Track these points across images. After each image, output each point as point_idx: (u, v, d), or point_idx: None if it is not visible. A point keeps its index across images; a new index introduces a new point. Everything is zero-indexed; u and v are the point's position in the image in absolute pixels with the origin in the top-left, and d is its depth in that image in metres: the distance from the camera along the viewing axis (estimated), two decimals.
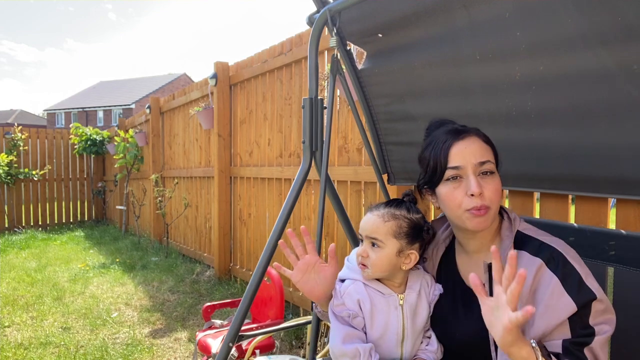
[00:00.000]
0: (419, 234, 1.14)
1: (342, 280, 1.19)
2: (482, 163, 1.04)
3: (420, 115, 1.58)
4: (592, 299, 0.93)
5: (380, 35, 1.47)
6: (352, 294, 1.14)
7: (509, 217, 1.11)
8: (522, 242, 1.05)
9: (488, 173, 1.05)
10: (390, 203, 1.16)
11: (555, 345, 0.93)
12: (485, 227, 1.05)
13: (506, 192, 1.86)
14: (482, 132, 1.11)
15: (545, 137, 1.31)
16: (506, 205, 1.82)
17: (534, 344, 0.88)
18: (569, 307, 0.92)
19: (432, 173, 1.10)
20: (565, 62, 1.15)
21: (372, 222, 1.13)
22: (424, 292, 1.17)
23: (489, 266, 1.01)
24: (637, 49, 1.03)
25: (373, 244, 1.12)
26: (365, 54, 1.63)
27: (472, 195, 1.02)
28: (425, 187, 1.15)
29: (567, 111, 1.24)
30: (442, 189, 1.08)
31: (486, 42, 1.25)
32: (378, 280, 1.16)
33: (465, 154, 1.05)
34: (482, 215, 1.03)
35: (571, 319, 0.93)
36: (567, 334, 0.93)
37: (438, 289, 1.18)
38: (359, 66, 1.65)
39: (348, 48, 1.64)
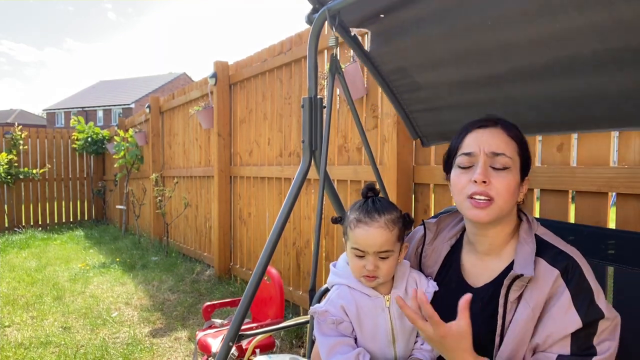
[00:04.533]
0: (407, 227, 1.15)
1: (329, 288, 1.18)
2: (496, 154, 1.00)
3: (440, 83, 1.54)
4: (600, 317, 0.92)
5: (382, 15, 1.46)
6: (335, 301, 1.13)
7: (528, 220, 1.08)
8: (540, 248, 1.01)
9: (502, 168, 1.00)
10: (376, 208, 1.11)
11: (548, 358, 0.92)
12: (485, 220, 1.00)
13: (537, 193, 1.85)
14: (513, 126, 1.06)
15: (555, 88, 1.31)
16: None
17: None
18: (575, 323, 0.91)
19: (448, 157, 1.11)
20: (579, 18, 1.12)
21: (379, 235, 1.08)
22: (411, 290, 1.14)
23: (515, 279, 0.96)
24: None
25: (383, 257, 1.09)
26: (369, 33, 1.62)
27: (475, 182, 0.99)
28: (444, 171, 1.15)
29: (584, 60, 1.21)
30: (453, 173, 1.08)
31: (497, 6, 1.22)
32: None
33: (480, 142, 1.03)
34: (482, 207, 0.99)
35: (575, 335, 0.91)
36: (566, 350, 0.92)
37: (432, 286, 1.15)
38: (368, 48, 1.63)
39: (353, 34, 1.62)
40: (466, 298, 0.93)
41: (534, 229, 1.06)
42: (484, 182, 0.98)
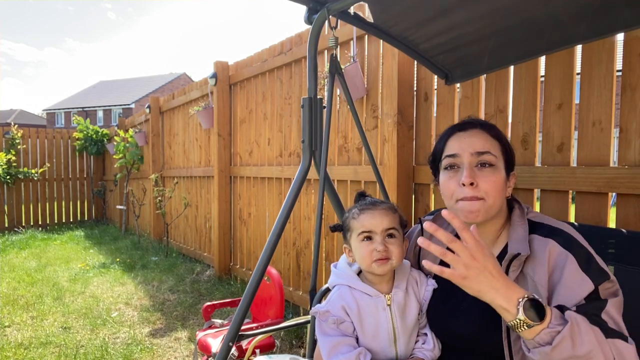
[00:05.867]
0: (405, 224, 1.19)
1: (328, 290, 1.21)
2: (481, 153, 1.03)
3: (451, 26, 1.54)
4: (607, 278, 0.92)
5: None
6: (336, 301, 1.14)
7: (521, 206, 1.10)
8: (532, 228, 1.04)
9: (487, 165, 1.03)
10: (374, 200, 1.20)
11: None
12: (477, 220, 1.02)
13: (537, 193, 1.84)
14: (494, 127, 1.09)
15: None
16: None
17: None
18: (588, 286, 0.91)
19: (433, 161, 1.14)
20: None
21: (384, 214, 1.13)
22: (412, 289, 1.16)
23: (512, 258, 0.98)
24: None
25: (390, 235, 1.12)
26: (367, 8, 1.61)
27: (463, 184, 1.01)
28: (433, 175, 1.17)
29: None
30: (441, 177, 1.10)
31: None
32: (365, 281, 1.16)
33: (464, 143, 1.05)
34: (473, 209, 1.01)
35: (588, 298, 0.91)
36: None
37: (431, 284, 1.16)
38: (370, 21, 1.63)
39: (353, 13, 1.61)
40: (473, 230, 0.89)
41: (526, 213, 1.08)
42: (472, 184, 1.00)
